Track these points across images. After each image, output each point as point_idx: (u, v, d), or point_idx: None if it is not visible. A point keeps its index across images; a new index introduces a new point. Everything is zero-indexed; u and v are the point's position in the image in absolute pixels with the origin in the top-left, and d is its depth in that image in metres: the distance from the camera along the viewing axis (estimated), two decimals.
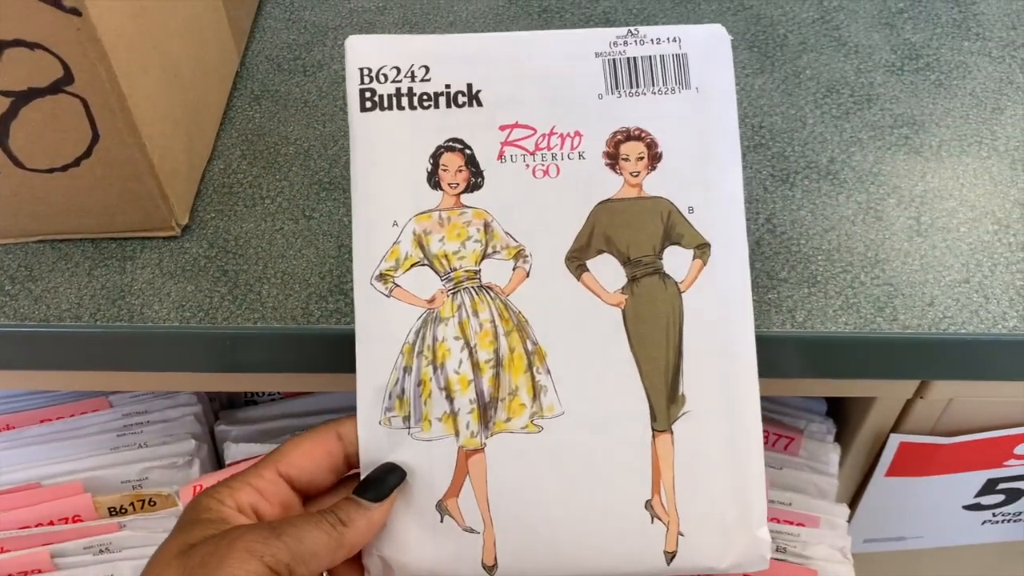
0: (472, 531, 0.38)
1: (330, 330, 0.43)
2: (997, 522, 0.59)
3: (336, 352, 0.44)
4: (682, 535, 0.38)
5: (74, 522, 0.51)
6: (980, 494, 0.56)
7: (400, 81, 0.40)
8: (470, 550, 0.38)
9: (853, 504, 0.58)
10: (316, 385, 0.53)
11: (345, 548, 0.34)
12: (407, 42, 0.41)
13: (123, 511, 0.51)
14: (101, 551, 0.50)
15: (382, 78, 0.40)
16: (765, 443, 0.54)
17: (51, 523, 0.51)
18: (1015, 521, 0.59)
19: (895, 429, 0.52)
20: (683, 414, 0.38)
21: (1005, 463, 0.53)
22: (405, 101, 0.40)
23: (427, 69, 0.40)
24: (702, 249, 0.39)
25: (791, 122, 0.52)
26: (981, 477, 0.54)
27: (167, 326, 0.44)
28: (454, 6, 0.61)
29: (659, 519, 0.38)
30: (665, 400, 0.38)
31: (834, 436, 0.54)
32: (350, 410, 0.59)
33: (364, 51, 0.41)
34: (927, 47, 0.57)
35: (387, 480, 0.37)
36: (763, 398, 0.56)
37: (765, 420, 0.55)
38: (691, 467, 0.38)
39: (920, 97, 0.54)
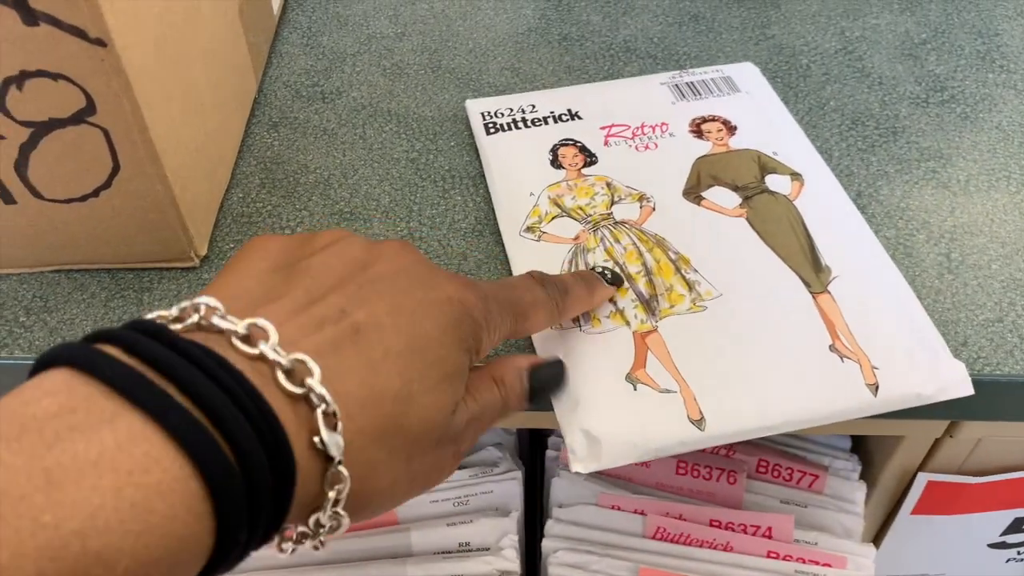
0: (668, 391, 0.38)
1: None
2: (1022, 560, 0.58)
3: None
4: (876, 368, 0.39)
5: None
6: (1006, 532, 0.55)
7: (514, 115, 0.52)
8: (673, 409, 0.38)
9: (876, 541, 0.57)
10: None
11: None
12: (515, 97, 0.54)
13: None
14: None
15: (499, 115, 0.52)
16: (788, 480, 0.53)
17: None
18: None
19: (922, 467, 0.51)
20: (833, 278, 0.42)
21: None
22: (520, 124, 0.51)
23: (534, 106, 0.53)
24: (796, 176, 0.48)
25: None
26: (1008, 516, 0.53)
27: None
28: (473, 33, 0.60)
29: (848, 358, 0.39)
30: (812, 271, 0.43)
31: (859, 474, 0.53)
32: None
33: (482, 105, 0.53)
34: (951, 79, 0.56)
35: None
36: (786, 435, 0.56)
37: (786, 457, 0.54)
38: (860, 316, 0.41)
39: (946, 130, 0.53)
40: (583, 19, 0.61)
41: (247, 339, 0.24)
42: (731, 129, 0.50)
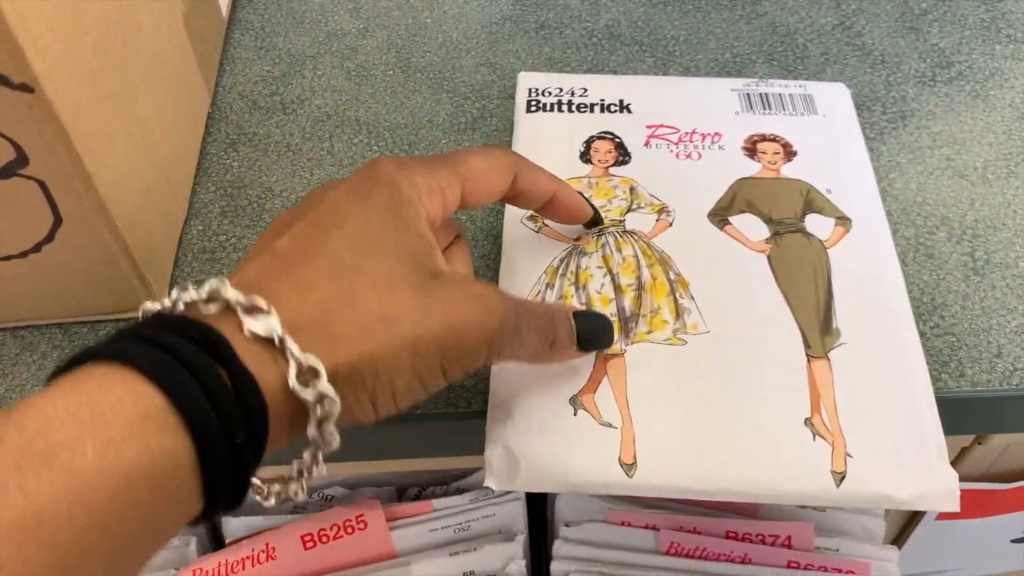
0: (609, 426, 0.35)
1: None
2: None
3: None
4: (851, 456, 0.34)
5: None
6: None
7: (562, 96, 0.48)
8: (606, 445, 0.35)
9: (897, 541, 0.55)
10: None
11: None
12: (570, 77, 0.49)
13: None
14: None
15: (547, 94, 0.48)
16: None
17: None
18: None
19: None
20: (839, 344, 0.37)
21: None
22: (565, 108, 0.47)
23: (585, 90, 0.48)
24: (843, 220, 0.42)
25: None
26: None
27: None
28: (443, 26, 0.55)
29: (821, 437, 0.35)
30: (818, 332, 0.38)
31: None
32: (348, 474, 0.53)
33: (533, 80, 0.49)
34: (957, 53, 0.53)
35: None
36: None
37: None
38: (854, 393, 0.36)
39: (957, 111, 0.50)
40: (560, 3, 0.56)
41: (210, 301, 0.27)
42: (789, 154, 0.45)
